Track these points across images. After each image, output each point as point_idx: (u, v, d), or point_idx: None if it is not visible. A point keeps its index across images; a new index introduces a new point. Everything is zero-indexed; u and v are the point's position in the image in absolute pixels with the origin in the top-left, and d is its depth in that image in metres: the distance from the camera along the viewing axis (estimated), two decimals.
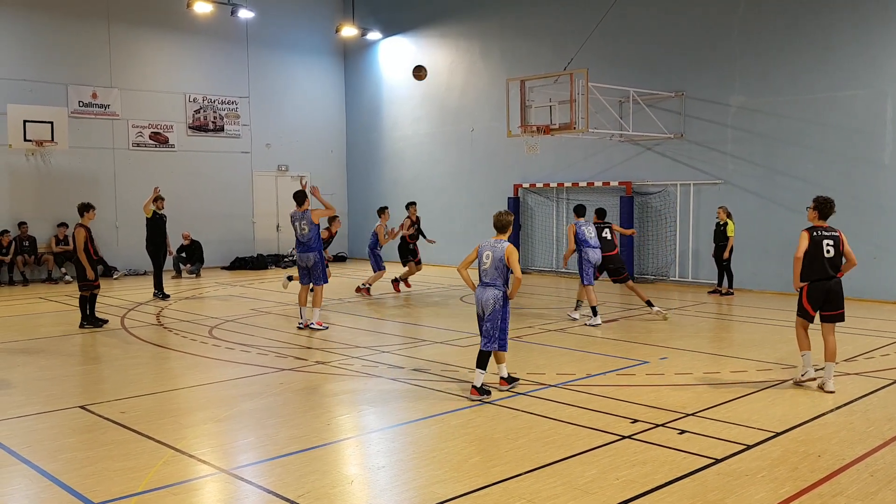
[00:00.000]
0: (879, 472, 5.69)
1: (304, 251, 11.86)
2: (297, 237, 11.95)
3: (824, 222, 7.96)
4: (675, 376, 8.68)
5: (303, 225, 11.78)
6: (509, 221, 7.93)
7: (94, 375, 9.24)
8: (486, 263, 7.80)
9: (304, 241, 11.85)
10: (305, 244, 11.84)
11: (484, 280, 7.83)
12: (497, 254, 7.75)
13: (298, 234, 11.88)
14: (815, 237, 7.85)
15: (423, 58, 22.72)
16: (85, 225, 12.24)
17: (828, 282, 7.82)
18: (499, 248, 7.77)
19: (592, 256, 12.23)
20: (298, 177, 24.08)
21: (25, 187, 19.43)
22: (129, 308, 14.47)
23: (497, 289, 7.76)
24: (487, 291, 7.77)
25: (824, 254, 7.79)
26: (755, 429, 6.67)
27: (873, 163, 14.50)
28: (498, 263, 7.73)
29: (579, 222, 12.40)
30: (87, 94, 20.17)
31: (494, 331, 7.75)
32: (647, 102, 17.05)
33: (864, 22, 14.53)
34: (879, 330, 11.47)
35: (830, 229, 7.89)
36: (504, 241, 7.85)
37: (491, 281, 7.77)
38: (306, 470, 5.83)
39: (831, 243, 7.82)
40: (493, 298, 7.73)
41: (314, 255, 11.83)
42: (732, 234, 15.14)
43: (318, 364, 9.48)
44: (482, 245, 7.92)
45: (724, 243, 15.18)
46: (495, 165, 20.85)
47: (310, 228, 11.76)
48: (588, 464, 5.86)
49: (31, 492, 5.52)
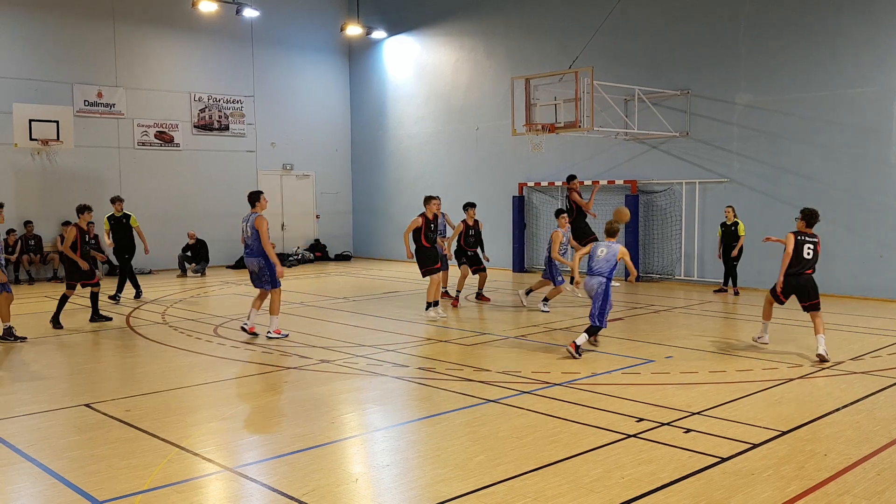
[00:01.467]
0: (886, 471, 5.66)
1: (249, 255, 11.04)
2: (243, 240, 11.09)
3: (809, 229, 9.44)
4: (680, 375, 8.66)
5: (247, 228, 10.94)
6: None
7: (100, 374, 9.25)
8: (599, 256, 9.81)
9: (248, 244, 11.01)
10: (250, 248, 11.00)
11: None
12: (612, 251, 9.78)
13: (244, 236, 11.06)
14: (799, 240, 9.36)
15: (428, 56, 22.76)
16: (80, 225, 12.31)
17: (799, 277, 9.33)
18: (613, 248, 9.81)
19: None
20: (303, 175, 24.12)
21: (31, 186, 19.48)
22: (134, 307, 14.49)
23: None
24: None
25: (804, 255, 9.33)
26: (761, 427, 6.64)
27: (880, 161, 14.44)
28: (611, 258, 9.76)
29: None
30: (92, 94, 20.21)
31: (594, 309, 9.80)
32: (653, 101, 17.01)
33: (870, 20, 14.47)
34: (886, 329, 11.43)
35: (812, 235, 9.40)
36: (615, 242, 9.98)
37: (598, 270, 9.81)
38: (311, 468, 5.82)
39: (811, 247, 9.34)
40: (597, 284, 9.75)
41: (258, 261, 10.92)
42: (744, 234, 14.99)
43: (322, 362, 9.48)
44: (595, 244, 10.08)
45: (735, 243, 15.01)
46: (500, 164, 20.83)
47: (252, 233, 10.88)
48: (593, 462, 5.85)
49: (36, 490, 5.53)
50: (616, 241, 9.96)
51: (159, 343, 10.91)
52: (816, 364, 9.04)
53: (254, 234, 10.87)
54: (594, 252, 9.89)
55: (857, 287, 14.74)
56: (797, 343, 10.34)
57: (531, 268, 20.09)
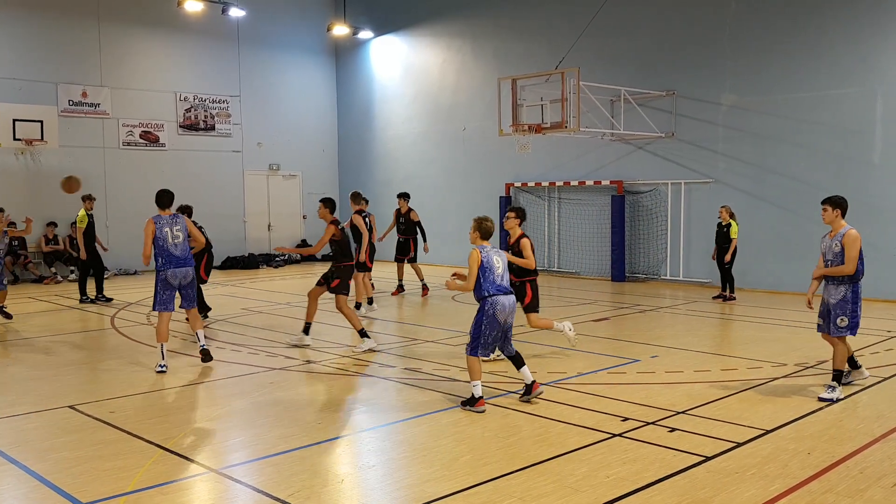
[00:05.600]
0: (868, 469, 5.71)
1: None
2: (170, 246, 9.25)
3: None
4: (665, 374, 8.70)
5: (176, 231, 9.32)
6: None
7: (84, 375, 9.19)
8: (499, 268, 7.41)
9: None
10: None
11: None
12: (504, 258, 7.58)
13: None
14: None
15: (415, 57, 22.76)
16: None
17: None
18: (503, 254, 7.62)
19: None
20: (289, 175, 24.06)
21: (15, 186, 19.30)
22: (118, 308, 14.40)
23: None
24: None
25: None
26: (745, 426, 6.68)
27: (863, 162, 14.56)
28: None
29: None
30: (77, 93, 20.08)
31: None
32: (639, 101, 17.08)
33: (854, 21, 14.58)
34: (869, 328, 11.50)
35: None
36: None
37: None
38: (296, 469, 5.81)
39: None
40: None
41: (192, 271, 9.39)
42: (736, 236, 14.16)
43: (308, 363, 9.46)
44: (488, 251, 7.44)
45: (727, 245, 14.20)
46: (487, 164, 20.86)
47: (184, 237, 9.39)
48: (579, 462, 5.87)
49: (19, 492, 5.49)
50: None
51: (144, 344, 10.85)
52: (800, 364, 9.10)
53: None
54: (490, 264, 7.35)
55: None
56: (783, 343, 10.40)
57: None
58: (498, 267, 7.35)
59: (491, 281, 7.25)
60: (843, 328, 7.72)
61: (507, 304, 7.31)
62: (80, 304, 14.93)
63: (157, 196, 9.54)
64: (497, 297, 7.25)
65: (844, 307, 7.73)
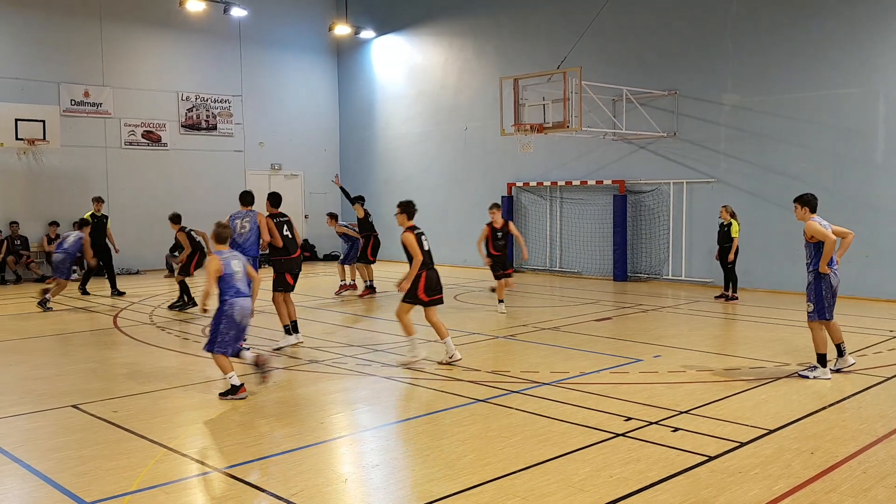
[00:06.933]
0: (872, 468, 5.70)
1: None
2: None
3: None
4: (668, 374, 8.70)
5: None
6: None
7: (87, 374, 9.20)
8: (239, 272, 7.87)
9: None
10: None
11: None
12: (242, 261, 8.04)
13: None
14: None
15: (417, 56, 22.75)
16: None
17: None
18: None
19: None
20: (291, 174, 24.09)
21: (17, 186, 19.34)
22: (122, 307, 14.42)
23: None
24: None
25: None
26: (748, 426, 6.68)
27: (865, 162, 14.55)
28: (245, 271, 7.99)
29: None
30: (79, 93, 20.09)
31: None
32: (641, 101, 17.08)
33: (856, 21, 14.57)
34: (871, 328, 11.51)
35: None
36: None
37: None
38: (300, 468, 5.82)
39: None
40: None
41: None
42: (737, 236, 14.11)
43: (311, 363, 9.47)
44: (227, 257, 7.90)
45: (729, 245, 14.15)
46: (489, 164, 20.85)
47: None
48: (582, 461, 5.87)
49: (23, 491, 5.50)
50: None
51: (147, 343, 10.86)
52: (802, 363, 9.09)
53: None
54: (231, 269, 7.79)
55: (842, 286, 14.70)
56: (786, 343, 10.39)
57: (520, 267, 20.10)
58: (238, 272, 7.83)
59: (231, 284, 7.74)
60: (810, 312, 8.33)
61: (245, 307, 7.84)
62: (81, 295, 16.01)
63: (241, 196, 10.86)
64: (236, 300, 7.75)
65: (809, 293, 8.33)
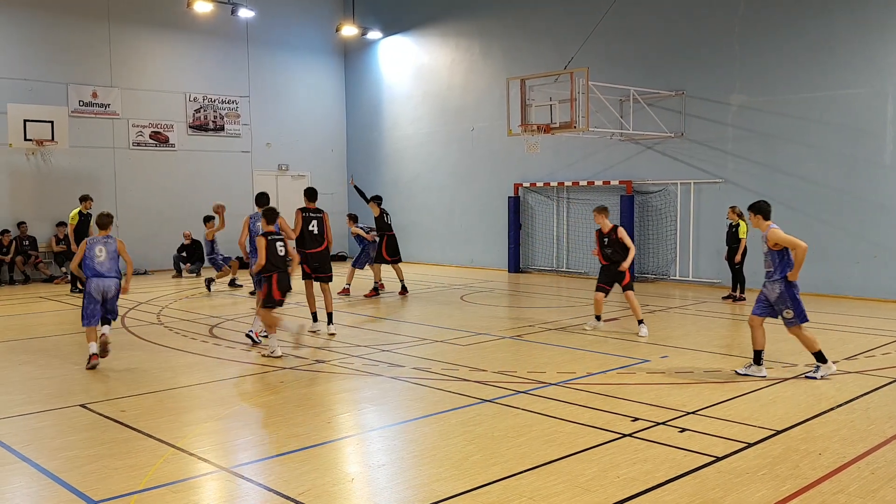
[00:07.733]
0: (880, 469, 5.68)
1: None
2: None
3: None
4: (675, 374, 8.68)
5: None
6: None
7: (95, 374, 9.22)
8: (100, 256, 9.26)
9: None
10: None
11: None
12: (110, 247, 9.36)
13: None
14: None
15: (424, 57, 22.77)
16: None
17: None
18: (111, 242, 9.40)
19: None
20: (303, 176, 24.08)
21: (25, 187, 19.43)
22: (129, 307, 14.46)
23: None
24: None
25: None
26: (756, 427, 6.66)
27: (874, 162, 14.49)
28: (113, 255, 9.36)
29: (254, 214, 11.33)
30: (87, 94, 20.17)
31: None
32: (648, 101, 17.05)
33: (864, 21, 14.52)
34: (880, 328, 11.47)
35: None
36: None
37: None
38: (307, 468, 5.83)
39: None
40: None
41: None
42: (745, 236, 14.00)
43: (318, 363, 9.48)
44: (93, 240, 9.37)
45: (736, 245, 14.08)
46: (496, 164, 20.85)
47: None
48: (589, 462, 5.86)
49: (31, 490, 5.52)
50: (111, 235, 9.46)
51: (154, 343, 10.89)
52: (810, 364, 9.06)
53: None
54: (93, 252, 9.22)
55: (851, 287, 14.79)
56: (792, 343, 10.35)
57: (526, 268, 20.10)
58: (100, 255, 9.27)
59: (90, 266, 9.23)
60: (790, 319, 8.38)
61: (102, 285, 9.25)
62: (70, 293, 16.38)
63: (256, 195, 11.22)
64: (93, 279, 9.24)
65: (784, 301, 8.33)
